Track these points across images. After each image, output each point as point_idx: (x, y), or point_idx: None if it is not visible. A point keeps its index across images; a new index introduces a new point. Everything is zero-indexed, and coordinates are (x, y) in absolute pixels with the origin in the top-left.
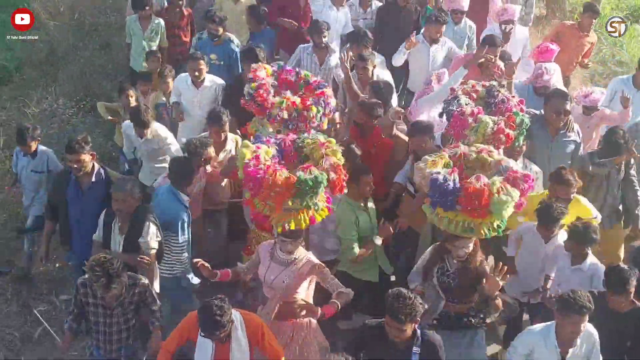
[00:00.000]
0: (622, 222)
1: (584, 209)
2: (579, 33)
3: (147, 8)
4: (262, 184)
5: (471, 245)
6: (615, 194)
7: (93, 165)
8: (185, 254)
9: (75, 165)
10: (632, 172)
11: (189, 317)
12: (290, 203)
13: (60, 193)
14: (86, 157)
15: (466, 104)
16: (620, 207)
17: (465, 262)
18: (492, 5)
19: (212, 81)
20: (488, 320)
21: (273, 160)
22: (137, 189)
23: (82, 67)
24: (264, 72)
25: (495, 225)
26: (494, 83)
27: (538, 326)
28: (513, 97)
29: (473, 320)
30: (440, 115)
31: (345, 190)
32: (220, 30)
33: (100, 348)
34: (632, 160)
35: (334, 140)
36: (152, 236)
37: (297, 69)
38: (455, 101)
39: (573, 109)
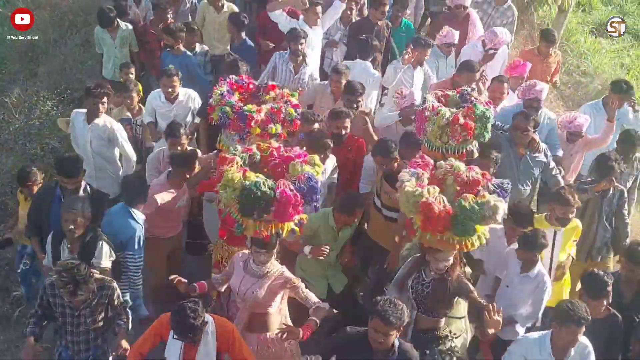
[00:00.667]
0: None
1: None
2: (540, 58)
3: (115, 24)
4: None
5: (451, 259)
6: (606, 226)
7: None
8: (141, 275)
9: (71, 187)
10: (624, 204)
11: (161, 318)
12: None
13: (44, 210)
14: (82, 178)
15: (430, 102)
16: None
17: (443, 274)
18: (472, 29)
19: (186, 94)
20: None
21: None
22: (88, 207)
23: (62, 63)
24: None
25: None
26: (467, 88)
27: (534, 334)
28: (481, 99)
29: (441, 339)
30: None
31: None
32: (178, 41)
33: (69, 349)
34: (625, 194)
35: (316, 157)
36: (105, 256)
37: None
38: (424, 102)
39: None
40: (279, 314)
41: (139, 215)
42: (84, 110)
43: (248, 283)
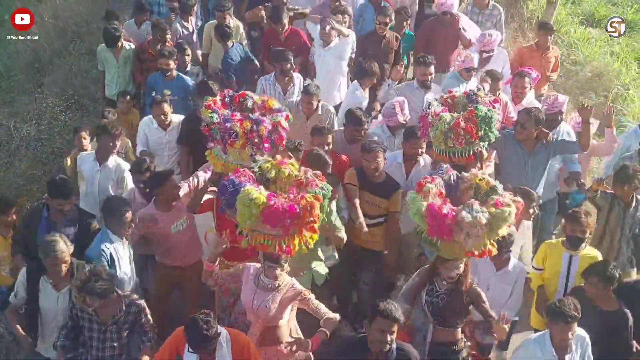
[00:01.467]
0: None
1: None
2: (539, 53)
3: (119, 45)
4: (295, 216)
5: (462, 267)
6: (629, 241)
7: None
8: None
9: (64, 208)
10: None
11: (177, 332)
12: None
13: (32, 231)
14: (74, 200)
15: (434, 107)
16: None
17: (456, 283)
18: (462, 34)
19: (178, 120)
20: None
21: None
22: (68, 244)
23: (68, 72)
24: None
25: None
26: (474, 89)
27: (533, 336)
28: (488, 98)
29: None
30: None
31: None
32: (171, 64)
33: None
34: None
35: (293, 161)
36: None
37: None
38: (428, 106)
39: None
40: (288, 326)
41: (114, 237)
42: (89, 153)
43: (260, 297)
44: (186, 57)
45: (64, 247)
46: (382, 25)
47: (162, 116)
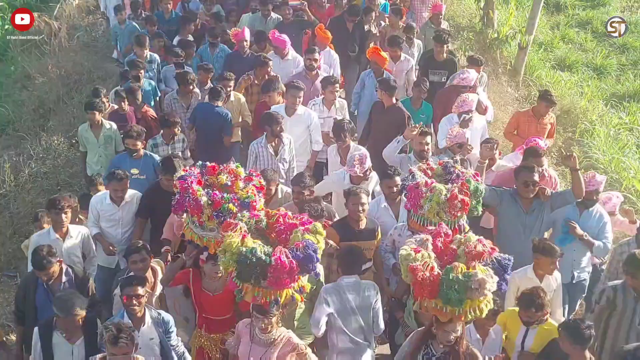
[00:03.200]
0: None
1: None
2: (535, 119)
3: (96, 113)
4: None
5: (460, 329)
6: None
7: (60, 268)
8: None
9: (45, 278)
10: None
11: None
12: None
13: (29, 298)
14: (55, 268)
15: (420, 177)
16: None
17: (453, 346)
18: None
19: (132, 195)
20: None
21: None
22: (82, 301)
23: (70, 117)
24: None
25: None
26: (450, 160)
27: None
28: (468, 171)
29: None
30: (400, 192)
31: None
32: (139, 144)
33: None
34: None
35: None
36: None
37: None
38: (411, 177)
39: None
40: None
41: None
42: (45, 230)
43: (257, 353)
44: (175, 129)
45: (81, 303)
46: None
47: (120, 193)
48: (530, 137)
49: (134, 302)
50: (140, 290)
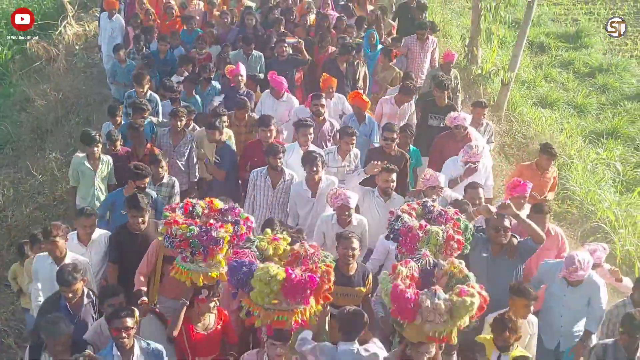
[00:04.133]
0: None
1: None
2: (538, 172)
3: (98, 147)
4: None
5: (433, 350)
6: None
7: (83, 289)
8: None
9: (70, 295)
10: None
11: None
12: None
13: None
14: (79, 286)
15: (410, 220)
16: None
17: None
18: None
19: (100, 235)
20: None
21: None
22: (67, 325)
23: (67, 138)
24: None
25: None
26: (427, 199)
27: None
28: (449, 209)
29: None
30: (387, 237)
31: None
32: (146, 181)
33: None
34: None
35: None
36: None
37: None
38: (399, 220)
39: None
40: None
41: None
42: (45, 254)
43: None
44: (160, 169)
45: (65, 327)
46: (388, 141)
47: (88, 230)
48: (532, 188)
49: (123, 334)
50: (130, 322)
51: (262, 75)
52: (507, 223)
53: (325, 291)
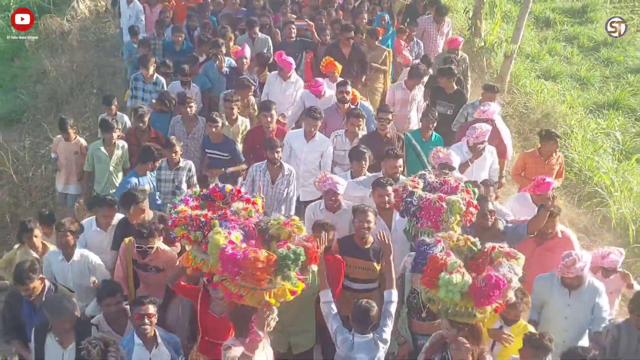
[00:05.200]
0: None
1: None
2: (542, 159)
3: (114, 132)
4: (242, 266)
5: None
6: None
7: (43, 286)
8: None
9: (25, 294)
10: None
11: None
12: (274, 279)
13: (16, 314)
14: (36, 284)
15: (425, 194)
16: None
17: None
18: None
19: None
20: None
21: (245, 243)
22: (72, 304)
23: (81, 106)
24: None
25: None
26: (424, 172)
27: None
28: (449, 179)
29: None
30: (402, 214)
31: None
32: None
33: None
34: None
35: (296, 218)
36: None
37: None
38: (414, 195)
39: (589, 270)
40: None
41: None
42: (56, 251)
43: None
44: (174, 154)
45: (70, 306)
46: (383, 121)
47: (110, 218)
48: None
49: (146, 321)
50: (152, 309)
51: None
52: (490, 206)
53: (257, 277)
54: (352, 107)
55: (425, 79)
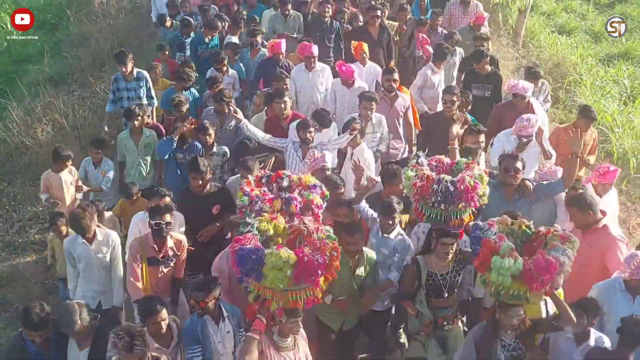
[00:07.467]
0: None
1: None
2: (577, 134)
3: (138, 120)
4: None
5: (522, 312)
6: None
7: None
8: None
9: (38, 340)
10: None
11: None
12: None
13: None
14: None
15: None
16: None
17: (519, 328)
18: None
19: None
20: None
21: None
22: (85, 313)
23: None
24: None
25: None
26: (417, 154)
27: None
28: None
29: None
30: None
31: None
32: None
33: None
34: None
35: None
36: None
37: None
38: (443, 181)
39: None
40: None
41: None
42: (75, 236)
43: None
44: (207, 137)
45: (85, 317)
46: (448, 104)
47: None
48: (569, 151)
49: (210, 305)
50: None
51: (299, 37)
52: (519, 165)
53: (335, 268)
54: (365, 91)
55: (455, 59)
